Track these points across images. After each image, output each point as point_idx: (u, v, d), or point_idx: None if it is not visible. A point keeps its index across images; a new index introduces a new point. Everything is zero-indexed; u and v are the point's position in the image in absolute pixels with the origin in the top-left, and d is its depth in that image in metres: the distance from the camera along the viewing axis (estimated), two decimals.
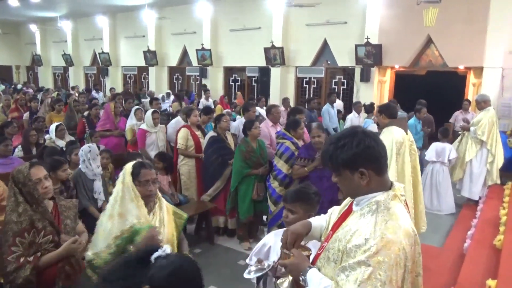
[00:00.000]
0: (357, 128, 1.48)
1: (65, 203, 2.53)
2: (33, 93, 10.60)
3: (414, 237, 1.38)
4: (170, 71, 14.65)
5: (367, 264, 1.28)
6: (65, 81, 18.40)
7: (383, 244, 1.29)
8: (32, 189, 2.23)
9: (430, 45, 9.04)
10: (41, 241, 2.23)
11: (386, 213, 1.37)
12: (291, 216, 2.17)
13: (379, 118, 4.04)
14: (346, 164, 1.43)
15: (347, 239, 1.38)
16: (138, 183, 2.08)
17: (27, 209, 2.23)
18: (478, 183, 5.92)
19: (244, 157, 4.35)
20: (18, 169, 2.28)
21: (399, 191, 1.46)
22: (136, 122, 5.85)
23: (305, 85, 11.41)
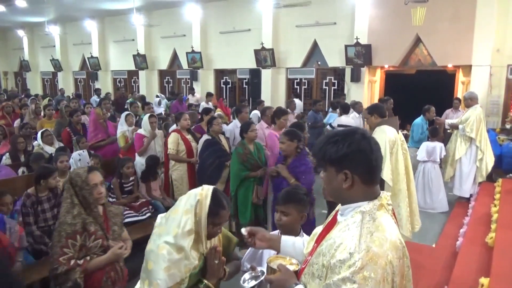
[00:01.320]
0: (358, 130, 1.40)
1: (113, 209, 2.55)
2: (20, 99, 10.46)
3: (402, 249, 1.30)
4: (160, 75, 14.57)
5: (352, 281, 1.19)
6: (54, 87, 18.21)
7: (368, 258, 1.20)
8: (88, 194, 2.28)
9: (419, 44, 9.11)
10: (91, 245, 2.26)
11: (372, 224, 1.28)
12: (284, 218, 2.15)
13: (371, 119, 4.01)
14: (332, 161, 1.35)
15: (332, 254, 1.27)
16: (211, 223, 1.79)
17: (81, 212, 2.27)
18: (468, 181, 5.96)
19: (242, 159, 4.28)
20: (76, 172, 2.33)
21: (385, 200, 1.37)
22: (128, 128, 5.73)
23: (296, 86, 11.42)
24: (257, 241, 1.75)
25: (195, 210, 1.76)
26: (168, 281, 1.69)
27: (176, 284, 1.71)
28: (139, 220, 4.24)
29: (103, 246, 2.30)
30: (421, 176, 6.05)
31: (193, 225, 1.75)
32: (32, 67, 18.66)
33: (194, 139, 5.15)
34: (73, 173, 2.35)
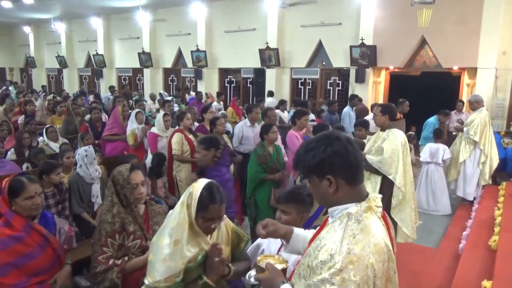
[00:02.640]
0: (332, 133, 1.39)
1: (156, 207, 2.46)
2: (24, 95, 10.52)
3: (387, 253, 1.28)
4: (165, 73, 14.60)
5: (331, 282, 1.18)
6: (59, 83, 18.29)
7: (348, 261, 1.18)
8: (129, 193, 2.21)
9: (424, 46, 9.08)
10: (130, 244, 2.20)
11: (356, 227, 1.26)
12: (284, 217, 2.16)
13: (382, 119, 3.97)
14: (312, 170, 1.35)
15: (315, 255, 1.26)
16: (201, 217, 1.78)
17: (121, 211, 2.21)
18: (472, 184, 5.94)
19: (260, 161, 4.16)
20: (119, 171, 2.26)
21: (374, 202, 1.35)
22: (138, 125, 5.67)
23: (300, 86, 11.41)
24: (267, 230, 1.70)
25: (186, 202, 1.78)
26: (164, 272, 1.71)
27: (171, 276, 1.72)
28: None
29: (141, 247, 2.23)
30: (424, 178, 6.04)
31: (186, 217, 1.76)
32: (37, 63, 18.75)
33: (196, 139, 5.07)
34: (115, 171, 2.28)
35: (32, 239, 2.16)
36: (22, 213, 2.19)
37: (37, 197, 2.23)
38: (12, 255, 2.07)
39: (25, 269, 2.09)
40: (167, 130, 5.39)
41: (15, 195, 2.17)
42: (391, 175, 3.76)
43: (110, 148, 5.71)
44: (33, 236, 2.18)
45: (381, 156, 3.78)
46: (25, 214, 2.20)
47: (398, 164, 3.73)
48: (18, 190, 2.18)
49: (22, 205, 2.18)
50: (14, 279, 2.03)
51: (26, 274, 2.08)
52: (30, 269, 2.10)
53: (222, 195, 1.85)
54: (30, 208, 2.20)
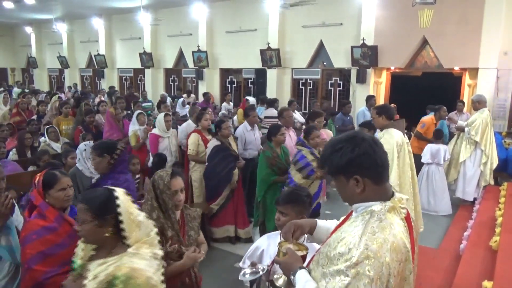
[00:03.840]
0: (357, 133, 1.43)
1: (191, 212, 2.45)
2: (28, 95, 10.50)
3: (405, 253, 1.32)
4: (166, 73, 14.62)
5: (346, 274, 1.23)
6: (61, 83, 18.32)
7: (365, 256, 1.23)
8: (168, 198, 2.21)
9: (425, 46, 9.07)
10: (168, 250, 2.18)
11: (377, 225, 1.31)
12: (282, 218, 2.17)
13: (379, 120, 3.98)
14: (340, 170, 1.39)
15: (334, 246, 1.33)
16: None
17: (160, 216, 2.21)
18: (472, 184, 5.94)
19: (271, 163, 4.12)
20: (160, 175, 2.26)
21: (399, 203, 1.39)
22: (139, 127, 5.67)
23: (301, 86, 11.42)
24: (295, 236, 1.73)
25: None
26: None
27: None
28: None
29: (178, 252, 2.23)
30: (425, 178, 6.04)
31: None
32: (39, 63, 18.79)
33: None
34: (156, 175, 2.28)
35: (63, 229, 2.23)
36: (55, 204, 2.27)
37: (68, 189, 2.32)
38: (45, 244, 2.14)
39: (56, 258, 2.15)
40: (168, 131, 5.37)
41: (49, 187, 2.27)
42: None
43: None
44: (64, 226, 2.24)
45: None
46: (58, 205, 2.28)
47: (393, 163, 3.70)
48: (52, 183, 2.27)
49: (55, 196, 2.27)
50: (46, 267, 2.10)
51: (57, 263, 2.15)
52: (60, 258, 2.16)
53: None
54: (63, 200, 2.29)
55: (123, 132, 5.86)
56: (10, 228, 2.37)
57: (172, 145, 5.44)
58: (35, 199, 2.28)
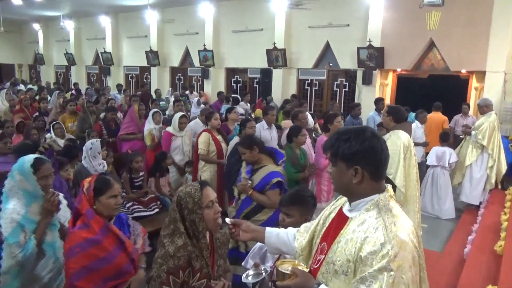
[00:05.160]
0: (367, 128, 1.47)
1: (220, 236, 2.05)
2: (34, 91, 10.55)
3: (416, 234, 1.39)
4: (172, 72, 14.65)
5: (389, 269, 1.24)
6: (68, 80, 18.41)
7: (399, 246, 1.27)
8: (198, 220, 1.82)
9: (432, 48, 9.02)
10: (195, 284, 1.84)
11: (390, 215, 1.36)
12: (287, 219, 2.16)
13: (386, 120, 4.00)
14: (344, 157, 1.41)
15: (358, 247, 1.31)
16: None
17: (187, 244, 1.82)
18: (478, 188, 5.89)
19: (293, 162, 4.13)
20: (187, 192, 1.85)
21: (391, 191, 1.46)
22: (155, 126, 5.63)
23: (306, 87, 11.40)
24: (241, 232, 1.79)
25: None
26: None
27: None
28: (147, 215, 4.27)
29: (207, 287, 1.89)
30: (430, 181, 6.01)
31: None
32: (46, 60, 18.90)
33: (224, 139, 5.04)
34: (182, 192, 1.87)
35: (108, 242, 2.13)
36: (103, 212, 2.19)
37: (119, 197, 2.25)
38: (88, 258, 2.05)
39: (100, 273, 2.06)
40: (181, 131, 5.32)
41: (100, 193, 2.18)
42: (391, 175, 3.76)
43: (126, 147, 5.68)
44: (109, 239, 2.14)
45: None
46: (106, 213, 2.20)
47: (399, 164, 3.72)
48: (104, 188, 2.20)
49: (105, 203, 2.18)
50: (89, 284, 2.00)
51: (101, 278, 2.05)
52: (105, 273, 2.07)
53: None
54: (112, 208, 2.21)
55: (140, 129, 5.84)
56: (54, 224, 2.37)
57: (185, 145, 5.39)
58: (82, 206, 2.17)
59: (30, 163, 2.28)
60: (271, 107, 5.88)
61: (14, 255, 2.17)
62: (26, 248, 2.19)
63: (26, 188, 2.26)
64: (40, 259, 2.29)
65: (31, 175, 2.26)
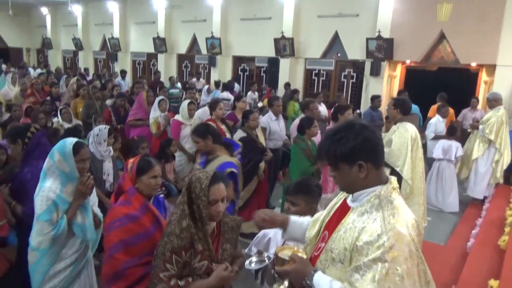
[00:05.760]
0: (354, 121, 1.46)
1: (229, 220, 2.09)
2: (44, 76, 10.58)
3: (417, 227, 1.39)
4: (179, 59, 14.61)
5: (383, 260, 1.26)
6: (75, 65, 18.45)
7: (396, 239, 1.28)
8: (203, 206, 1.87)
9: (442, 40, 8.89)
10: (196, 265, 1.92)
11: (391, 207, 1.36)
12: (293, 208, 2.17)
13: (393, 112, 3.97)
14: (344, 158, 1.40)
15: (355, 237, 1.34)
16: None
17: (190, 226, 1.89)
18: (483, 182, 5.87)
19: (307, 155, 4.05)
20: (198, 177, 1.92)
21: (395, 183, 1.45)
22: (160, 113, 5.60)
23: (314, 77, 11.32)
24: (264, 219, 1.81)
25: None
26: None
27: None
28: None
29: (208, 269, 1.95)
30: (435, 174, 5.99)
31: None
32: (54, 45, 18.93)
33: (228, 129, 4.97)
34: (194, 176, 1.94)
35: (146, 219, 2.21)
36: (143, 191, 2.29)
37: (159, 178, 2.35)
38: (127, 233, 2.13)
39: (137, 248, 2.14)
40: (190, 119, 5.27)
41: (142, 173, 2.28)
42: (398, 168, 3.76)
43: (135, 134, 5.68)
44: (147, 216, 2.23)
45: (389, 148, 3.78)
46: (146, 192, 2.30)
47: (406, 157, 3.72)
48: (146, 168, 2.30)
49: (146, 183, 2.28)
50: (126, 257, 2.09)
51: (137, 253, 2.13)
52: (141, 248, 2.14)
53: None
54: (152, 187, 2.31)
55: (148, 115, 5.79)
56: (86, 207, 2.43)
57: None
58: (125, 183, 2.30)
59: (71, 145, 2.34)
60: (276, 98, 5.83)
61: (46, 232, 2.25)
62: (58, 227, 2.27)
63: (63, 169, 2.33)
64: (68, 239, 2.37)
65: (70, 157, 2.32)
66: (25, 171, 2.75)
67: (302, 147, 4.11)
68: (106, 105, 6.75)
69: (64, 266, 2.36)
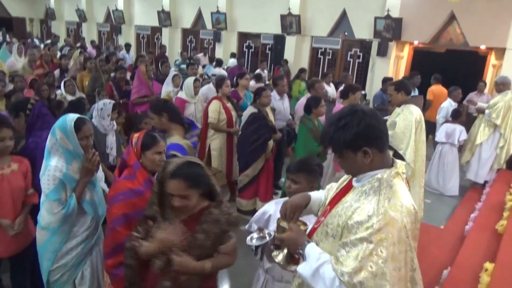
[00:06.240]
0: (356, 107, 1.45)
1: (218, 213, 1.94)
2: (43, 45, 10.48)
3: (415, 214, 1.39)
4: (183, 33, 14.41)
5: (369, 240, 1.29)
6: (78, 37, 18.24)
7: (386, 222, 1.29)
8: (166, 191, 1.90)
9: (452, 22, 8.71)
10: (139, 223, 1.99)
11: (389, 191, 1.37)
12: (293, 186, 2.18)
13: (397, 96, 3.94)
14: (348, 145, 1.41)
15: (348, 215, 1.38)
16: None
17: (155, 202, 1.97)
18: (486, 167, 5.87)
19: (315, 135, 3.97)
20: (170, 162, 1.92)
21: (401, 169, 1.45)
22: (173, 88, 5.47)
23: (320, 55, 11.18)
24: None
25: None
26: None
27: None
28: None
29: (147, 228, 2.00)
30: (437, 157, 5.99)
31: None
32: (57, 15, 18.67)
33: (234, 107, 4.87)
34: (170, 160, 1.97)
35: (150, 195, 2.13)
36: (147, 166, 2.27)
37: (163, 154, 2.32)
38: (130, 207, 2.14)
39: None
40: (195, 96, 5.15)
41: (146, 148, 2.26)
42: (402, 150, 3.77)
43: (141, 110, 5.51)
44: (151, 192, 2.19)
45: (393, 131, 3.77)
46: (150, 168, 2.28)
47: (410, 140, 3.74)
48: (151, 144, 2.27)
49: (150, 158, 2.26)
50: (129, 230, 2.06)
51: None
52: None
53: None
54: (156, 163, 2.27)
55: (152, 90, 5.69)
56: (94, 184, 2.42)
57: (198, 111, 5.18)
58: (129, 158, 2.28)
59: (72, 122, 2.27)
60: (281, 77, 5.73)
61: (56, 211, 2.24)
62: (68, 205, 2.26)
63: (66, 146, 2.27)
64: (79, 217, 2.37)
65: (72, 134, 2.26)
66: (29, 141, 2.77)
67: (309, 127, 4.06)
68: (111, 78, 6.66)
69: (75, 244, 2.37)
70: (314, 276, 1.40)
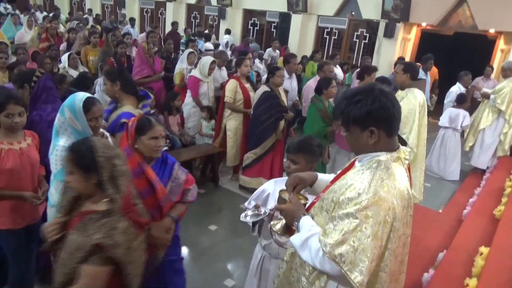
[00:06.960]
0: (375, 85, 1.45)
1: (97, 219, 1.63)
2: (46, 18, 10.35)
3: (408, 200, 1.41)
4: (188, 9, 14.17)
5: (355, 216, 1.32)
6: (81, 9, 17.98)
7: (374, 201, 1.32)
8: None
9: (462, 4, 8.52)
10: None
11: (385, 172, 1.39)
12: (293, 166, 2.20)
13: (403, 77, 3.89)
14: (356, 121, 1.42)
15: (342, 192, 1.41)
16: None
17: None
18: (488, 153, 5.86)
19: (323, 115, 3.97)
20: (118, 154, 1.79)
21: (403, 154, 1.46)
22: (187, 66, 5.45)
23: (325, 35, 11.01)
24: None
25: None
26: None
27: None
28: None
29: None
30: (440, 142, 5.98)
31: None
32: None
33: (252, 88, 4.81)
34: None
35: (138, 183, 2.10)
36: (144, 152, 2.20)
37: (160, 139, 2.22)
38: None
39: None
40: (209, 76, 5.11)
41: (141, 133, 2.18)
42: (405, 135, 3.77)
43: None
44: (140, 180, 2.14)
45: None
46: (146, 154, 2.21)
47: (413, 124, 3.74)
48: (145, 128, 2.18)
49: (146, 143, 2.19)
50: None
51: None
52: None
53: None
54: (153, 149, 2.21)
55: (154, 69, 5.62)
56: None
57: (210, 90, 5.19)
58: (121, 142, 2.23)
59: (81, 102, 2.21)
60: (293, 55, 5.64)
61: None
62: None
63: (75, 127, 2.22)
64: None
65: (81, 114, 2.21)
66: (33, 114, 2.75)
67: (319, 107, 4.04)
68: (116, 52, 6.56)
69: None
70: (302, 246, 1.46)
